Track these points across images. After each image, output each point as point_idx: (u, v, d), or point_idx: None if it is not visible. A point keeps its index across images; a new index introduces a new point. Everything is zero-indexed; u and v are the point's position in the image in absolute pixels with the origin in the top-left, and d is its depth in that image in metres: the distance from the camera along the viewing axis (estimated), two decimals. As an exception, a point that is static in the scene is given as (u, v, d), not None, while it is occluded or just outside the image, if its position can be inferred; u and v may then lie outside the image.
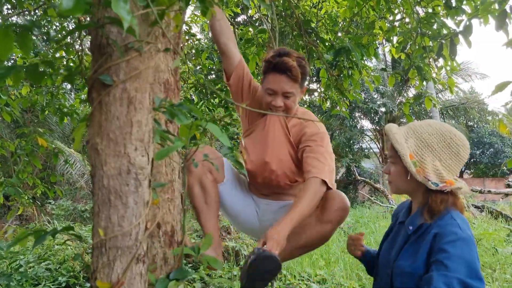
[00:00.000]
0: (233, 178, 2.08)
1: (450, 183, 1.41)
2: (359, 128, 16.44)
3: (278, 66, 1.86)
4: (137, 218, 0.99)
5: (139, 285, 1.04)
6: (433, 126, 1.48)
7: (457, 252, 1.29)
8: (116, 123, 0.91)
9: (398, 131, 1.50)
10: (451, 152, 1.45)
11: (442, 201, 1.41)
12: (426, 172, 1.41)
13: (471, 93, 20.08)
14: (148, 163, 0.99)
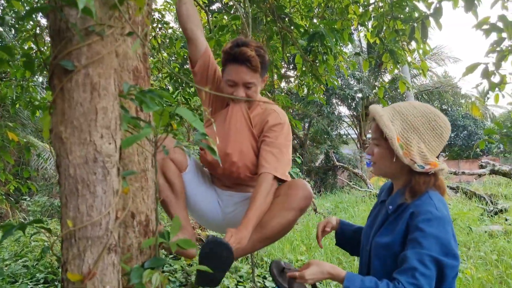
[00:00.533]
0: (196, 168, 2.04)
1: (434, 165, 1.42)
2: (337, 115, 16.57)
3: (237, 57, 1.84)
4: (107, 207, 0.96)
5: (112, 275, 1.02)
6: (418, 108, 1.48)
7: (432, 231, 1.32)
8: (80, 110, 0.88)
9: (384, 113, 1.49)
10: (435, 134, 1.46)
11: (425, 183, 1.42)
12: (412, 154, 1.41)
13: (445, 77, 20.44)
14: (116, 151, 0.96)
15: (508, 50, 2.72)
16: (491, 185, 11.69)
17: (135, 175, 1.49)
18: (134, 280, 1.07)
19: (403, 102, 1.56)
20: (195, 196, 2.01)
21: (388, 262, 1.44)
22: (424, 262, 1.28)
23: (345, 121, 18.05)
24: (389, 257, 1.43)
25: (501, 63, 2.75)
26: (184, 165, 1.95)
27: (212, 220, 2.12)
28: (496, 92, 2.93)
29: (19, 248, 5.23)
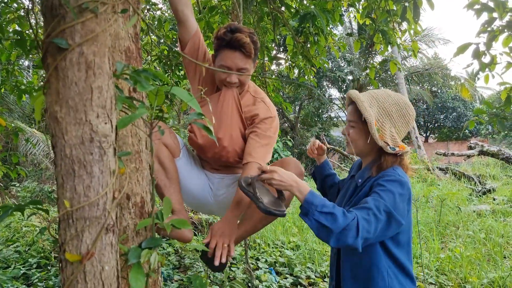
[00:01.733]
0: (187, 153, 2.05)
1: (402, 148, 1.60)
2: (327, 97, 16.57)
3: (231, 43, 1.84)
4: (104, 188, 0.96)
5: (110, 255, 1.02)
6: (393, 97, 1.65)
7: (391, 188, 1.48)
8: (75, 90, 0.87)
9: (364, 99, 1.63)
10: (404, 121, 1.64)
11: (393, 162, 1.61)
12: (385, 137, 1.59)
13: (435, 58, 20.49)
14: (112, 131, 0.95)
15: (499, 30, 2.73)
16: (479, 165, 11.86)
17: (130, 157, 1.48)
18: (132, 260, 1.08)
19: (379, 89, 1.72)
20: (187, 180, 2.01)
21: None
22: (379, 207, 1.43)
23: (335, 104, 18.07)
24: None
25: (492, 43, 2.76)
26: (177, 151, 1.95)
27: (205, 204, 2.13)
28: (486, 72, 2.95)
29: (10, 233, 5.21)
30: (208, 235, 1.85)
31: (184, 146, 2.05)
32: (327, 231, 1.38)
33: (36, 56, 3.72)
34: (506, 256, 4.44)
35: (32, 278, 3.72)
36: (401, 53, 16.47)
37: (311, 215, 1.41)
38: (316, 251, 4.68)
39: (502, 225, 5.68)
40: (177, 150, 1.96)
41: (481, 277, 3.64)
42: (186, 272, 4.25)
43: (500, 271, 3.76)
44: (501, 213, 6.49)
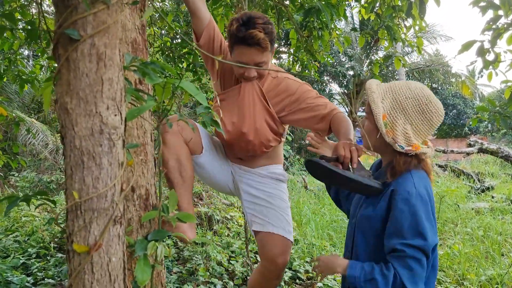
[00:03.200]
0: (210, 146, 2.02)
1: (416, 148, 1.43)
2: (328, 92, 16.55)
3: (246, 40, 1.78)
4: (112, 179, 0.96)
5: (117, 247, 1.02)
6: (412, 90, 1.47)
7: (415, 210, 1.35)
8: (85, 81, 0.87)
9: (376, 90, 1.50)
10: (424, 118, 1.45)
11: (405, 163, 1.44)
12: (395, 134, 1.43)
13: (436, 55, 20.44)
14: (121, 123, 0.95)
15: (504, 28, 2.73)
16: (478, 163, 11.88)
17: (135, 149, 1.49)
18: (139, 252, 1.08)
19: (401, 81, 1.55)
20: (211, 173, 2.04)
21: (369, 234, 1.49)
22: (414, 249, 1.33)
23: (335, 99, 18.05)
24: (370, 229, 1.48)
25: (497, 40, 2.75)
26: (199, 147, 1.93)
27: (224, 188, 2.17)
28: (490, 70, 2.94)
29: (9, 223, 5.22)
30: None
31: (208, 140, 2.02)
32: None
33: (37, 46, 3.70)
34: (504, 253, 4.46)
35: (32, 268, 3.73)
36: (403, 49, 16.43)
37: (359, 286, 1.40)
38: (315, 245, 4.69)
39: (500, 223, 5.70)
40: (199, 147, 1.94)
41: (479, 274, 3.66)
42: (185, 264, 4.26)
43: (498, 268, 3.78)
44: (500, 211, 6.51)
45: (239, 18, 1.81)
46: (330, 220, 6.05)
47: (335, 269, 1.49)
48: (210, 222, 5.63)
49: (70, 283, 1.01)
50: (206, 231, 5.24)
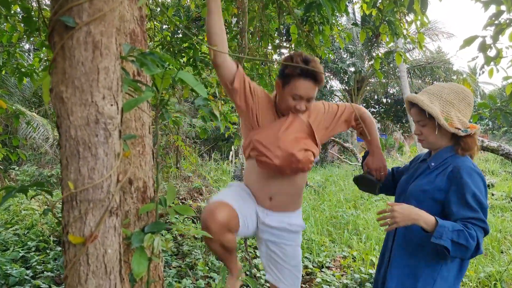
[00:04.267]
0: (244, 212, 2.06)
1: (473, 127, 1.71)
2: (329, 88, 16.50)
3: (310, 74, 1.88)
4: (108, 170, 0.95)
5: (114, 238, 1.01)
6: (447, 87, 1.76)
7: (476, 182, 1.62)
8: (81, 70, 0.86)
9: (424, 98, 1.74)
10: (466, 103, 1.75)
11: (472, 142, 1.71)
12: (455, 124, 1.69)
13: (438, 52, 20.36)
14: (118, 113, 0.94)
15: (506, 24, 2.71)
16: (479, 161, 11.86)
17: (133, 141, 1.47)
18: (135, 244, 1.07)
19: (432, 85, 1.83)
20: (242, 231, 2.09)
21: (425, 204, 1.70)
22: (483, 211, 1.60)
23: (336, 95, 18.01)
24: (427, 199, 1.71)
25: (499, 36, 2.73)
26: (237, 226, 1.99)
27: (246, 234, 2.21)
28: (491, 66, 2.93)
29: (9, 217, 5.22)
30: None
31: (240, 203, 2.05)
32: (464, 248, 1.54)
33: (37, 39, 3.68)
34: (504, 250, 4.45)
35: (31, 261, 3.73)
36: (405, 46, 16.39)
37: (446, 237, 1.54)
38: (314, 241, 4.69)
39: (500, 220, 5.69)
40: (237, 225, 1.99)
41: (478, 271, 3.66)
42: (184, 259, 4.26)
43: (497, 266, 3.77)
44: (499, 208, 6.50)
45: (299, 54, 1.92)
46: (329, 216, 6.05)
47: (418, 221, 1.59)
48: (209, 217, 5.63)
49: (65, 274, 1.00)
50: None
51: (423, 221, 1.58)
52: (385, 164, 2.11)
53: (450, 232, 1.54)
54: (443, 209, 1.68)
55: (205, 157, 10.12)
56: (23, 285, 3.22)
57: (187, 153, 7.31)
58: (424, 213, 1.60)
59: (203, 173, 8.01)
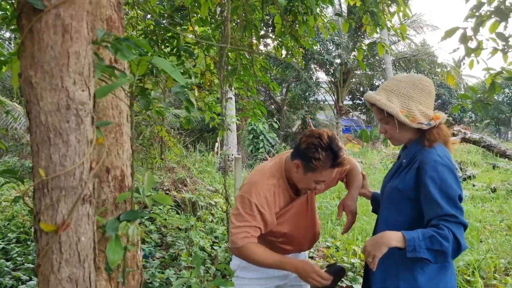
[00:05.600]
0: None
1: (437, 118, 1.66)
2: (315, 80, 16.53)
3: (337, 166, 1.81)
4: (81, 157, 0.93)
5: (87, 226, 1.00)
6: (403, 80, 1.70)
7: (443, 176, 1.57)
8: (50, 54, 0.84)
9: (380, 97, 1.69)
10: (426, 93, 1.69)
11: (437, 132, 1.67)
12: (417, 118, 1.64)
13: (423, 45, 20.53)
14: (90, 99, 0.92)
15: (487, 16, 2.73)
16: (461, 152, 12.05)
17: (110, 129, 1.45)
18: (109, 232, 1.06)
19: (389, 81, 1.76)
20: None
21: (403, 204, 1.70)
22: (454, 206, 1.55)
23: (322, 87, 18.06)
24: (403, 199, 1.69)
25: (479, 28, 2.76)
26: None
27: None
28: (471, 58, 2.96)
29: (-11, 208, 5.14)
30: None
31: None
32: (442, 253, 1.51)
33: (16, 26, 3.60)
34: (483, 240, 4.54)
35: (11, 253, 3.69)
36: (390, 39, 16.47)
37: (419, 248, 1.51)
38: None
39: (480, 210, 5.80)
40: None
41: (458, 260, 3.73)
42: (168, 249, 4.25)
43: (476, 254, 3.85)
44: (480, 199, 6.63)
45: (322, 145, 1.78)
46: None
47: (389, 243, 1.57)
48: (194, 208, 5.62)
49: (38, 263, 0.99)
50: (190, 216, 5.23)
51: (394, 242, 1.56)
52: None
53: (422, 242, 1.51)
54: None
55: (190, 148, 10.08)
56: (3, 276, 3.19)
57: (171, 144, 7.26)
58: (391, 233, 1.58)
59: (188, 164, 7.98)
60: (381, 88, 1.74)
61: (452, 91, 20.33)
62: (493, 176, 8.45)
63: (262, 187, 1.88)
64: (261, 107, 4.32)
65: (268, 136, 11.83)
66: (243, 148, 12.31)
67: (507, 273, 3.64)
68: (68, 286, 1.00)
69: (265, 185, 1.89)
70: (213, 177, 7.90)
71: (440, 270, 1.66)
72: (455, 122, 22.65)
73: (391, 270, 1.69)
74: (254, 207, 1.84)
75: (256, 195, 1.86)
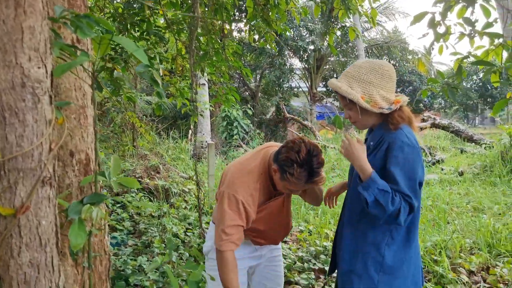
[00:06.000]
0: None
1: (397, 102, 1.70)
2: (289, 67, 16.53)
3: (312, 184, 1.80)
4: (39, 138, 0.90)
5: (48, 209, 0.97)
6: (364, 66, 1.73)
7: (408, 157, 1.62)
8: (2, 28, 0.80)
9: (342, 84, 1.72)
10: (387, 78, 1.72)
11: (399, 115, 1.70)
12: (378, 103, 1.68)
13: (395, 32, 20.77)
14: (47, 77, 0.89)
15: (455, 1, 2.77)
16: (431, 138, 12.34)
17: (73, 112, 1.41)
18: (71, 215, 1.03)
19: (350, 67, 1.78)
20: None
21: None
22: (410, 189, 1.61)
23: (296, 74, 18.09)
24: None
25: (447, 13, 2.79)
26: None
27: None
28: (440, 43, 3.00)
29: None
30: None
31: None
32: (381, 209, 1.58)
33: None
34: (450, 221, 4.69)
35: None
36: (363, 25, 16.60)
37: (371, 191, 1.59)
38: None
39: (448, 193, 5.98)
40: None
41: (426, 240, 3.84)
42: (140, 237, 4.21)
43: (443, 235, 3.97)
44: (448, 182, 6.82)
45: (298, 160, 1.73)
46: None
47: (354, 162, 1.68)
48: (167, 195, 5.58)
49: (-4, 248, 0.95)
50: (163, 203, 5.19)
51: (358, 165, 1.65)
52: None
53: (377, 189, 1.58)
54: None
55: (163, 135, 9.95)
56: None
57: (143, 131, 7.15)
58: (365, 162, 1.65)
59: (161, 151, 7.89)
60: (343, 74, 1.77)
61: (423, 78, 20.71)
62: (461, 160, 8.70)
63: (249, 185, 1.87)
64: (234, 93, 4.30)
65: (242, 123, 11.80)
66: (217, 135, 12.25)
67: (472, 252, 3.78)
68: (29, 271, 0.97)
69: (251, 183, 1.88)
70: (187, 164, 7.84)
71: (405, 245, 1.71)
72: (425, 108, 23.15)
73: (358, 250, 1.73)
74: (240, 205, 1.83)
75: (242, 192, 1.85)
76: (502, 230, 4.09)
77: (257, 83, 17.02)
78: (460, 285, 3.16)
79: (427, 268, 3.43)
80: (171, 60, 4.60)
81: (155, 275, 3.25)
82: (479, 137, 10.23)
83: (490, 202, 5.42)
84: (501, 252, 3.72)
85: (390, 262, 1.67)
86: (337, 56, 16.75)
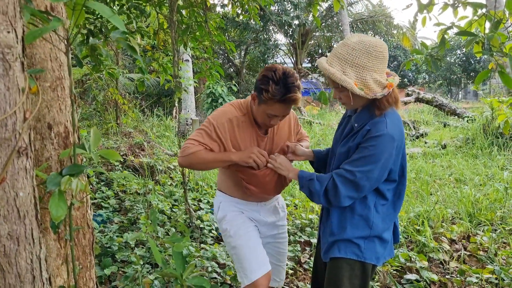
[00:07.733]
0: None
1: (390, 86, 1.64)
2: (273, 42, 16.37)
3: (286, 101, 1.82)
4: (12, 106, 0.87)
5: (25, 180, 0.95)
6: (357, 49, 1.61)
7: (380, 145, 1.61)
8: (-33, -11, 0.76)
9: (335, 70, 1.63)
10: (379, 59, 1.63)
11: (388, 100, 1.66)
12: (372, 89, 1.62)
13: (380, 6, 20.67)
14: (18, 42, 0.85)
15: (438, -29, 2.74)
16: (415, 112, 12.45)
17: (50, 83, 1.37)
18: (50, 187, 1.01)
19: (340, 46, 1.67)
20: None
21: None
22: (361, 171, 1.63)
23: (281, 49, 17.95)
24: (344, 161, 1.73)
25: (431, -17, 2.77)
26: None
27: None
28: (424, 14, 2.99)
29: None
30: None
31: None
32: (315, 194, 1.71)
33: None
34: (432, 193, 4.78)
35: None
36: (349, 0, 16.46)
37: (305, 186, 1.75)
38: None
39: (431, 165, 6.07)
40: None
41: (409, 211, 3.91)
42: (126, 214, 4.20)
43: (426, 206, 4.05)
44: (431, 155, 6.92)
45: (274, 78, 1.80)
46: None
47: (287, 175, 1.89)
48: (152, 172, 5.55)
49: (-27, 221, 0.93)
50: (148, 180, 5.16)
51: (292, 175, 1.85)
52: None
53: (307, 182, 1.74)
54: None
55: (147, 112, 9.84)
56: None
57: (126, 108, 7.05)
58: (293, 170, 1.85)
59: (145, 129, 7.81)
60: (334, 56, 1.67)
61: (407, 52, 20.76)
62: (444, 133, 8.82)
63: (225, 114, 1.96)
64: (218, 68, 4.24)
65: (227, 99, 11.72)
66: (202, 112, 12.16)
67: (453, 222, 3.87)
68: (9, 244, 0.95)
69: (228, 113, 1.97)
70: (172, 142, 7.79)
71: (389, 208, 1.75)
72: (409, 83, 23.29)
73: (347, 223, 1.75)
74: (212, 127, 1.92)
75: (217, 118, 1.95)
76: (483, 200, 4.18)
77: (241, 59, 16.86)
78: (441, 253, 3.24)
79: (410, 237, 3.50)
80: (152, 35, 4.50)
81: (142, 250, 3.26)
82: (462, 111, 10.35)
83: (471, 173, 5.53)
84: (481, 221, 3.82)
85: (376, 232, 1.72)
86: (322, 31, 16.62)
